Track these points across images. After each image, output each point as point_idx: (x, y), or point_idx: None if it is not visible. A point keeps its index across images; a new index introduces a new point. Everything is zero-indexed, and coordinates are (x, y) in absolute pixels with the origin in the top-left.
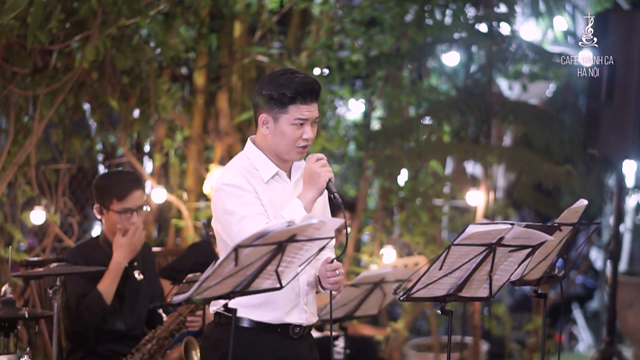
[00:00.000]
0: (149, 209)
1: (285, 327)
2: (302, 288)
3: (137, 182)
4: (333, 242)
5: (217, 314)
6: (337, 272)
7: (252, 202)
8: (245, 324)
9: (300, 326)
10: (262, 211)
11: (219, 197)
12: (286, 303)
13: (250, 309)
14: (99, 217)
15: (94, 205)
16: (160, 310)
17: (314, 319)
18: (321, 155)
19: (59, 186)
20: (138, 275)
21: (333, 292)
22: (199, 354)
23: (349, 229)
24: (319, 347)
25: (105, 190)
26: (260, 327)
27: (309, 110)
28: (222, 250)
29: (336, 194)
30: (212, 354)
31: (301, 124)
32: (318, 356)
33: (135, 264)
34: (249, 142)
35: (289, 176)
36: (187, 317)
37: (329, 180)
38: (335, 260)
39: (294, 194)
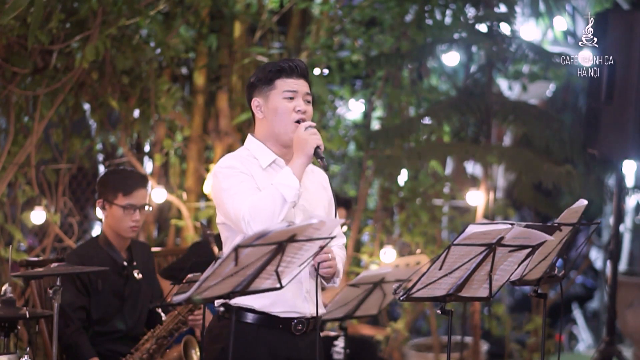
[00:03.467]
0: (151, 209)
1: (287, 324)
2: (303, 275)
3: (143, 180)
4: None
5: (222, 307)
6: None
7: (246, 180)
8: (248, 319)
9: (302, 321)
10: (255, 187)
11: (216, 180)
12: (288, 292)
13: (254, 299)
14: (101, 213)
15: (96, 201)
16: (160, 310)
17: (320, 310)
18: (311, 122)
19: (59, 186)
20: (137, 275)
21: (334, 286)
22: (198, 353)
23: (345, 228)
24: None
25: (111, 184)
26: (262, 323)
27: (296, 84)
28: (227, 243)
29: (324, 158)
30: (212, 348)
31: (291, 98)
32: (323, 354)
33: (135, 263)
34: (248, 136)
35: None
36: (187, 316)
37: (317, 147)
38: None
39: None
